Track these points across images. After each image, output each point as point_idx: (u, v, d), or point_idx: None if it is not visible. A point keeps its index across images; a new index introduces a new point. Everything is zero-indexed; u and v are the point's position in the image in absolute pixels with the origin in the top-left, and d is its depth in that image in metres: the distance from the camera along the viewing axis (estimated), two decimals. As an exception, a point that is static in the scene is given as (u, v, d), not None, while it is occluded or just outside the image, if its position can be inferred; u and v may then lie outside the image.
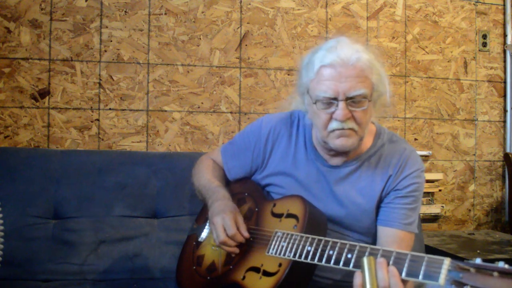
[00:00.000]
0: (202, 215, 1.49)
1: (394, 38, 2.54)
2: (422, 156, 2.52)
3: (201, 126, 2.31)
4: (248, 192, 1.39)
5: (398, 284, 0.90)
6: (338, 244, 1.02)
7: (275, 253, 1.13)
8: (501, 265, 0.75)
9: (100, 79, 2.20)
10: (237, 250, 1.21)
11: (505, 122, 2.70)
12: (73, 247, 1.70)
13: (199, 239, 1.41)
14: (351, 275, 0.96)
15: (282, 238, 1.14)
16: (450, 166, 2.63)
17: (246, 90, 2.36)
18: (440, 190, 2.57)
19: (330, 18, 2.45)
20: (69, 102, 2.17)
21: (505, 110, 2.69)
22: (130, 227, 1.77)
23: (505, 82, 2.69)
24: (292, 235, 1.12)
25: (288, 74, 2.40)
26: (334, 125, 1.17)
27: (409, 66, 2.56)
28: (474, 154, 2.66)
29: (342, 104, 1.15)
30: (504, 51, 2.68)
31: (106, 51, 2.20)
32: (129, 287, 1.65)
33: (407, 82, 2.56)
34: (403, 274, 0.90)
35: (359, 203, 1.27)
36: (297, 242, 1.10)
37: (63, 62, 2.16)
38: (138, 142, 2.25)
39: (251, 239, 1.23)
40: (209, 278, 1.29)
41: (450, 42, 2.62)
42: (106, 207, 1.76)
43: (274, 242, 1.15)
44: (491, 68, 2.68)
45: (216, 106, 2.33)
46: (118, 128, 2.22)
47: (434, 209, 2.54)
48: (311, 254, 1.05)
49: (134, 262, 1.73)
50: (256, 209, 1.32)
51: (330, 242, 1.03)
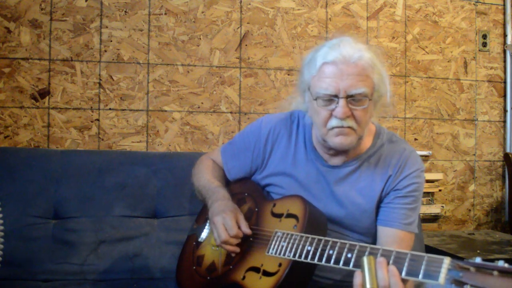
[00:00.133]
0: (202, 215, 1.49)
1: (394, 38, 2.54)
2: (422, 156, 2.52)
3: (201, 126, 2.31)
4: (248, 192, 1.39)
5: (398, 283, 0.90)
6: (338, 243, 1.02)
7: (275, 253, 1.13)
8: (501, 264, 0.75)
9: (100, 79, 2.20)
10: (237, 250, 1.21)
11: (505, 122, 2.70)
12: (73, 247, 1.70)
13: (199, 239, 1.41)
14: (351, 275, 0.96)
15: (282, 238, 1.14)
16: (450, 166, 2.63)
17: (246, 90, 2.36)
18: (440, 190, 2.57)
19: (330, 18, 2.45)
20: (69, 102, 2.17)
21: (505, 110, 2.69)
22: (130, 227, 1.77)
23: (505, 82, 2.69)
24: (292, 235, 1.12)
25: (288, 74, 2.40)
26: (333, 122, 1.17)
27: (409, 66, 2.56)
28: (474, 154, 2.66)
29: (342, 101, 1.15)
30: (504, 51, 2.68)
31: (106, 51, 2.20)
32: (129, 287, 1.65)
33: (407, 82, 2.56)
34: (403, 274, 0.89)
35: (359, 203, 1.27)
36: (297, 242, 1.10)
37: (63, 62, 2.16)
38: (138, 142, 2.25)
39: (251, 239, 1.23)
40: (209, 278, 1.29)
41: (450, 42, 2.62)
42: (106, 207, 1.76)
43: (274, 242, 1.15)
44: (491, 68, 2.68)
45: (216, 106, 2.33)
46: (118, 128, 2.22)
47: (434, 209, 2.53)
48: (311, 253, 1.05)
49: (134, 262, 1.73)
50: (256, 209, 1.32)
51: (330, 242, 1.03)
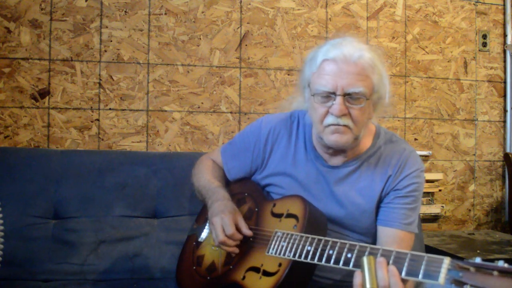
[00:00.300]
0: (202, 215, 1.49)
1: (394, 38, 2.54)
2: (422, 156, 2.52)
3: (201, 126, 2.31)
4: (248, 192, 1.39)
5: (398, 283, 0.90)
6: (338, 243, 1.02)
7: (275, 253, 1.13)
8: (500, 264, 0.75)
9: (100, 79, 2.20)
10: (236, 250, 1.21)
11: (505, 122, 2.70)
12: (73, 247, 1.70)
13: (199, 239, 1.41)
14: (351, 275, 0.96)
15: (282, 238, 1.14)
16: (450, 166, 2.63)
17: (246, 90, 2.36)
18: (440, 190, 2.57)
19: (330, 18, 2.45)
20: (69, 102, 2.17)
21: (505, 110, 2.69)
22: (130, 227, 1.77)
23: (505, 82, 2.69)
24: (292, 235, 1.12)
25: (288, 74, 2.40)
26: (329, 120, 1.18)
27: (409, 66, 2.56)
28: (474, 154, 2.66)
29: (339, 99, 1.15)
30: (504, 51, 2.68)
31: (106, 51, 2.20)
32: (129, 287, 1.65)
33: (407, 82, 2.56)
34: (403, 274, 0.89)
35: (359, 203, 1.27)
36: (297, 242, 1.10)
37: (63, 62, 2.16)
38: (138, 142, 2.25)
39: (251, 239, 1.23)
40: (209, 278, 1.29)
41: (450, 42, 2.62)
42: (106, 207, 1.76)
43: (274, 242, 1.15)
44: (491, 68, 2.68)
45: (216, 106, 2.33)
46: (118, 128, 2.22)
47: (434, 209, 2.53)
48: (311, 253, 1.05)
49: (134, 262, 1.73)
50: (256, 209, 1.32)
51: (330, 242, 1.03)
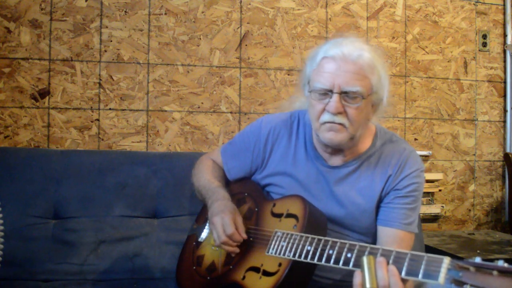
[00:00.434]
0: (202, 215, 1.49)
1: (394, 38, 2.54)
2: (422, 156, 2.52)
3: (201, 126, 2.31)
4: (248, 192, 1.39)
5: (398, 283, 0.89)
6: (338, 243, 1.02)
7: (275, 253, 1.13)
8: (500, 263, 0.75)
9: (100, 79, 2.20)
10: (237, 250, 1.22)
11: (505, 122, 2.69)
12: (73, 247, 1.70)
13: (199, 239, 1.41)
14: (351, 275, 0.96)
15: (282, 238, 1.14)
16: (450, 166, 2.63)
17: (246, 90, 2.36)
18: (440, 190, 2.57)
19: (330, 18, 2.45)
20: (69, 102, 2.17)
21: (505, 110, 2.69)
22: (130, 227, 1.77)
23: (505, 82, 2.69)
24: (292, 235, 1.12)
25: (288, 74, 2.40)
26: (325, 117, 1.19)
27: (409, 66, 2.56)
28: (474, 154, 2.66)
29: (336, 96, 1.16)
30: (504, 51, 2.68)
31: (106, 51, 2.20)
32: (129, 287, 1.65)
33: (407, 82, 2.56)
34: (403, 273, 0.89)
35: (359, 203, 1.27)
36: (296, 241, 1.10)
37: (63, 62, 2.16)
38: (138, 142, 2.25)
39: (251, 239, 1.23)
40: (209, 278, 1.29)
41: (450, 42, 2.62)
42: (106, 207, 1.76)
43: (274, 242, 1.15)
44: (491, 68, 2.68)
45: (216, 106, 2.33)
46: (118, 128, 2.22)
47: (434, 209, 2.53)
48: (311, 253, 1.05)
49: (134, 262, 1.73)
50: (256, 209, 1.32)
51: (330, 242, 1.03)
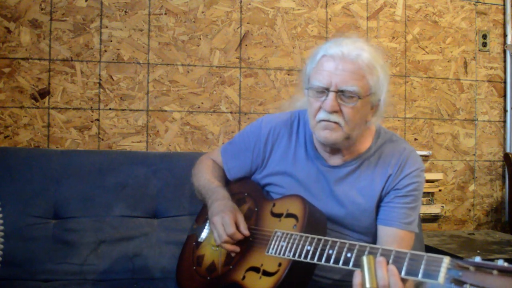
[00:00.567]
0: (202, 215, 1.49)
1: (394, 38, 2.54)
2: (422, 156, 2.52)
3: (201, 126, 2.31)
4: (247, 192, 1.39)
5: (398, 283, 0.90)
6: (338, 243, 1.02)
7: (275, 253, 1.13)
8: (500, 263, 0.75)
9: (100, 79, 2.20)
10: (237, 249, 1.22)
11: (505, 122, 2.69)
12: (73, 247, 1.70)
13: (199, 239, 1.41)
14: (351, 275, 0.96)
15: (281, 238, 1.14)
16: (450, 166, 2.62)
17: (246, 90, 2.36)
18: (440, 190, 2.57)
19: (330, 18, 2.45)
20: (69, 102, 2.17)
21: (505, 110, 2.69)
22: (130, 227, 1.77)
23: (505, 82, 2.69)
24: (291, 235, 1.12)
25: (288, 74, 2.40)
26: (321, 115, 1.19)
27: (409, 66, 2.56)
28: (474, 154, 2.66)
29: (332, 95, 1.16)
30: (504, 51, 2.68)
31: (106, 51, 2.21)
32: (129, 287, 1.65)
33: (407, 82, 2.56)
34: (403, 273, 0.89)
35: (359, 203, 1.28)
36: (296, 241, 1.10)
37: (63, 62, 2.16)
38: (138, 142, 2.25)
39: (251, 239, 1.23)
40: (209, 278, 1.29)
41: (450, 42, 2.62)
42: (106, 207, 1.76)
43: (273, 242, 1.15)
44: (491, 68, 2.68)
45: (216, 106, 2.33)
46: (118, 128, 2.22)
47: (434, 209, 2.53)
48: (311, 253, 1.05)
49: (134, 262, 1.73)
50: (255, 209, 1.32)
51: (330, 242, 1.03)
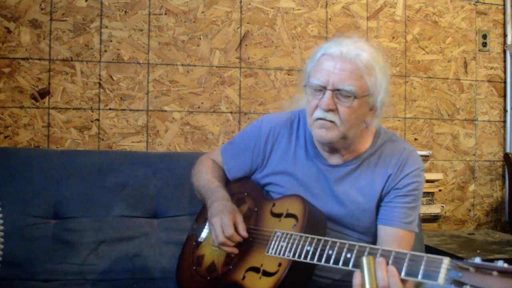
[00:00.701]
0: (201, 215, 1.49)
1: (394, 38, 2.54)
2: (422, 156, 2.52)
3: (201, 126, 2.31)
4: (247, 192, 1.39)
5: (397, 283, 0.90)
6: (338, 243, 1.02)
7: (275, 253, 1.13)
8: (500, 264, 0.75)
9: (100, 79, 2.20)
10: (236, 251, 1.22)
11: (505, 122, 2.69)
12: (73, 247, 1.70)
13: (199, 239, 1.41)
14: (351, 274, 0.96)
15: (281, 238, 1.14)
16: (450, 166, 2.62)
17: (246, 90, 2.36)
18: (440, 190, 2.57)
19: (330, 18, 2.45)
20: (69, 102, 2.17)
21: (505, 110, 2.69)
22: (130, 227, 1.77)
23: (505, 82, 2.69)
24: (291, 235, 1.12)
25: (288, 74, 2.40)
26: (318, 113, 1.20)
27: (409, 66, 2.56)
28: (474, 154, 2.66)
29: (328, 93, 1.17)
30: (504, 51, 2.68)
31: (106, 51, 2.20)
32: (129, 287, 1.65)
33: (407, 82, 2.56)
34: (402, 274, 0.89)
35: (359, 202, 1.28)
36: (296, 242, 1.10)
37: (63, 62, 2.16)
38: (138, 142, 2.25)
39: (251, 239, 1.23)
40: (209, 278, 1.29)
41: (450, 42, 2.62)
42: (106, 207, 1.76)
43: (273, 242, 1.15)
44: (491, 68, 2.68)
45: (216, 106, 2.33)
46: (118, 128, 2.22)
47: (434, 209, 2.53)
48: (311, 254, 1.05)
49: (134, 262, 1.73)
50: (255, 209, 1.32)
51: (330, 242, 1.03)
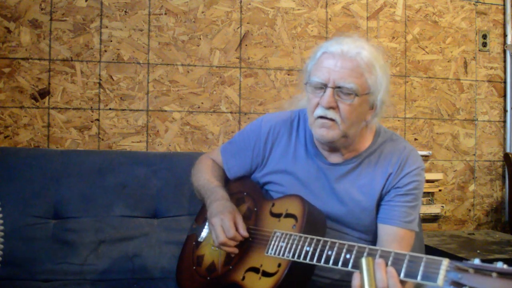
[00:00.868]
0: (201, 215, 1.49)
1: (394, 38, 2.54)
2: (422, 156, 2.52)
3: (201, 126, 2.31)
4: (247, 191, 1.39)
5: (397, 285, 0.90)
6: (337, 244, 1.02)
7: (274, 253, 1.13)
8: (499, 265, 0.75)
9: (100, 79, 2.20)
10: (236, 251, 1.22)
11: (505, 122, 2.69)
12: (73, 247, 1.70)
13: (199, 239, 1.41)
14: (350, 275, 0.96)
15: (281, 238, 1.14)
16: (450, 166, 2.62)
17: (246, 90, 2.36)
18: (440, 190, 2.57)
19: (330, 18, 2.45)
20: (69, 102, 2.17)
21: (505, 110, 2.69)
22: (130, 227, 1.77)
23: (505, 82, 2.69)
24: (291, 235, 1.12)
25: (288, 74, 2.40)
26: (319, 111, 1.20)
27: (409, 66, 2.56)
28: (474, 154, 2.66)
29: (329, 91, 1.17)
30: (504, 51, 2.68)
31: (106, 51, 2.20)
32: (129, 287, 1.65)
33: (407, 82, 2.56)
34: (402, 275, 0.89)
35: (359, 201, 1.28)
36: (296, 242, 1.10)
37: (63, 62, 2.16)
38: (138, 142, 2.25)
39: (250, 239, 1.23)
40: (209, 278, 1.29)
41: (450, 42, 2.62)
42: (106, 207, 1.76)
43: (273, 242, 1.15)
44: (491, 68, 2.68)
45: (216, 106, 2.33)
46: (118, 128, 2.22)
47: (434, 209, 2.53)
48: (310, 254, 1.05)
49: (134, 262, 1.73)
50: (255, 208, 1.32)
51: (329, 242, 1.03)
